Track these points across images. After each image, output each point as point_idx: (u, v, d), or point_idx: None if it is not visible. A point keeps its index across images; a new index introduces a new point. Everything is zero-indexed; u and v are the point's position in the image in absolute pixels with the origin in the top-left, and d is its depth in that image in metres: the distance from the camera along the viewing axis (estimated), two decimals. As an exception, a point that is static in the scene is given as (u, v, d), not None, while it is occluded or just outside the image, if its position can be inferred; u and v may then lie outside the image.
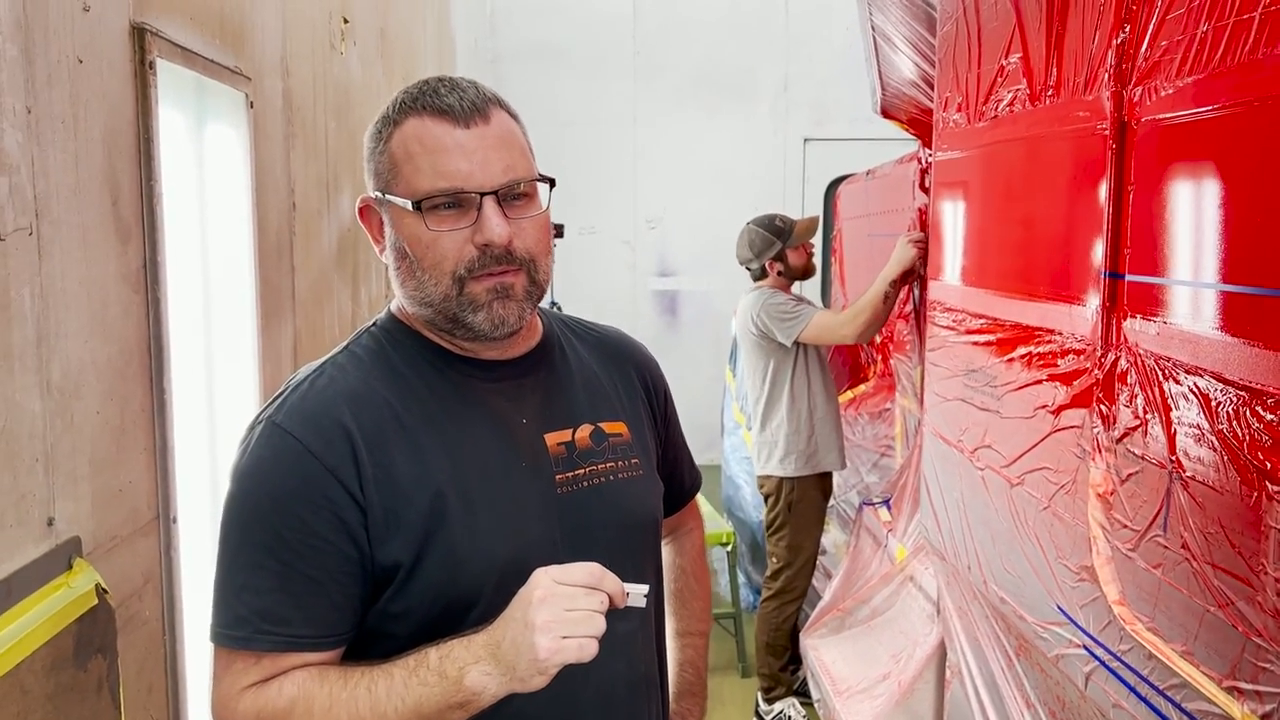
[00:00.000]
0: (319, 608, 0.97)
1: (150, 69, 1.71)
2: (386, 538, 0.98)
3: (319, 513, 0.97)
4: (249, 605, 0.96)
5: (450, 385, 1.07)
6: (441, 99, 1.01)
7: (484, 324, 1.02)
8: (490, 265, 1.01)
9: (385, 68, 3.61)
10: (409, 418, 1.03)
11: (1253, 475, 1.06)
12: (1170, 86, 1.22)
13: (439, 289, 1.01)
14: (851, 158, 5.54)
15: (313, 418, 1.00)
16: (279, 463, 0.98)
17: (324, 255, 2.80)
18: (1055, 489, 1.57)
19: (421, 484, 1.00)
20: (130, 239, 1.68)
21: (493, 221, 1.00)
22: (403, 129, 1.02)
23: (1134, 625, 1.34)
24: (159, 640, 1.79)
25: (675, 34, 6.38)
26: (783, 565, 3.39)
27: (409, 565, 0.99)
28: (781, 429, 3.31)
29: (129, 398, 1.68)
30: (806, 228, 3.39)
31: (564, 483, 1.08)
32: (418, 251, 1.01)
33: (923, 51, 2.51)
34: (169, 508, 1.79)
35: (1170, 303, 1.25)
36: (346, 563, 0.98)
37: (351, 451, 0.98)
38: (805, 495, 3.36)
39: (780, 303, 3.23)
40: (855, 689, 3.00)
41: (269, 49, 2.36)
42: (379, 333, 1.10)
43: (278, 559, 0.96)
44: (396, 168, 1.02)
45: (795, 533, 3.37)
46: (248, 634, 0.97)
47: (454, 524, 1.00)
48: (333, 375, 1.05)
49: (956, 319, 2.04)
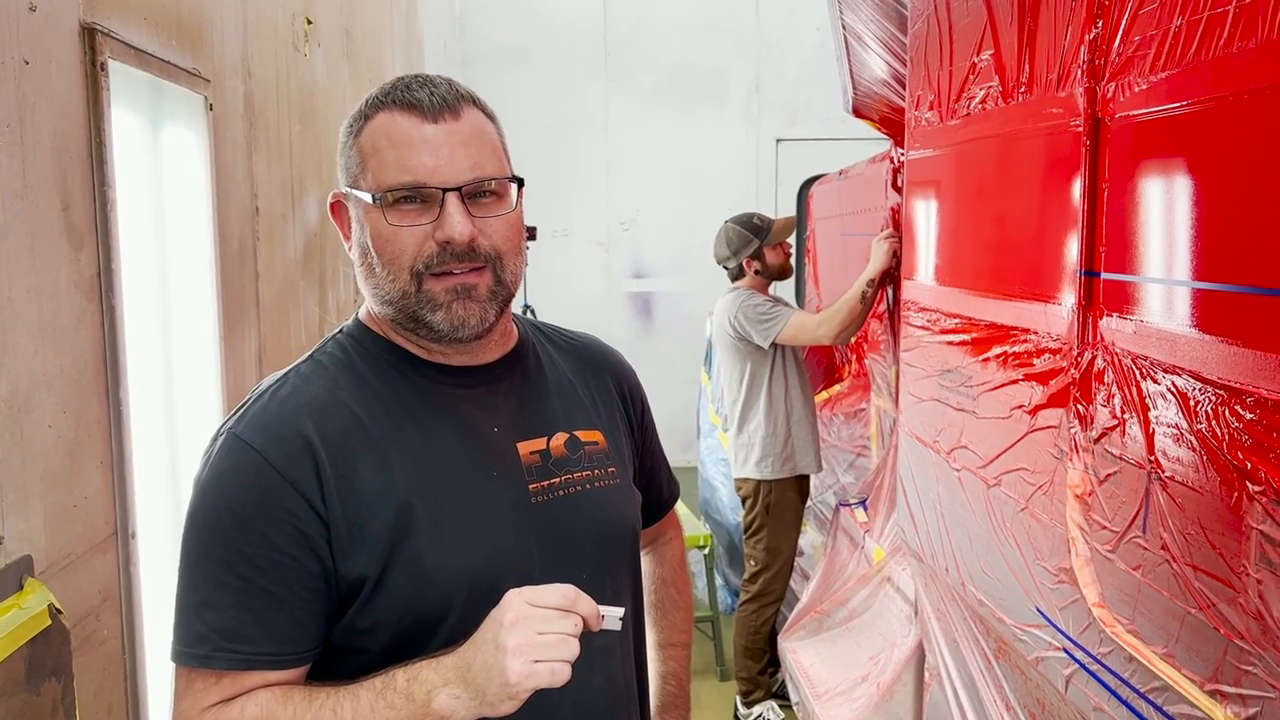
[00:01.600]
0: (281, 624, 0.94)
1: (102, 70, 1.66)
2: (351, 551, 0.95)
3: (279, 526, 0.94)
4: (208, 622, 0.93)
5: (419, 393, 1.04)
6: (412, 93, 1.00)
7: (443, 324, 1.00)
8: (450, 263, 0.99)
9: (351, 70, 3.56)
10: (375, 427, 1.00)
11: (1233, 475, 1.05)
12: (1144, 82, 1.20)
13: (397, 285, 0.99)
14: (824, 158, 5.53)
15: (273, 429, 0.97)
16: (239, 475, 0.95)
17: (289, 260, 2.75)
18: (1033, 490, 1.55)
19: (387, 495, 0.97)
20: (83, 246, 1.62)
21: (454, 218, 0.98)
22: (372, 123, 1.00)
23: (1114, 628, 1.33)
24: (118, 659, 1.73)
25: (646, 35, 6.35)
26: (761, 568, 3.36)
27: (375, 579, 0.95)
28: (759, 431, 3.29)
29: (83, 410, 1.63)
30: (784, 226, 3.37)
31: (538, 492, 1.05)
32: (378, 246, 0.99)
33: (894, 50, 2.50)
34: (127, 522, 1.74)
35: (1147, 301, 1.23)
36: (309, 577, 0.95)
37: (313, 463, 0.95)
38: (783, 498, 3.34)
39: (757, 304, 3.20)
40: (834, 691, 2.99)
41: (229, 50, 2.31)
42: (345, 340, 1.07)
43: (238, 575, 0.93)
44: (364, 162, 1.00)
45: (773, 535, 3.35)
46: (207, 652, 0.93)
47: (421, 536, 0.97)
48: (295, 385, 1.02)
49: (931, 319, 2.02)
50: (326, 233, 3.11)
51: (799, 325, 3.13)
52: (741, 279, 3.34)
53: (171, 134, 2.02)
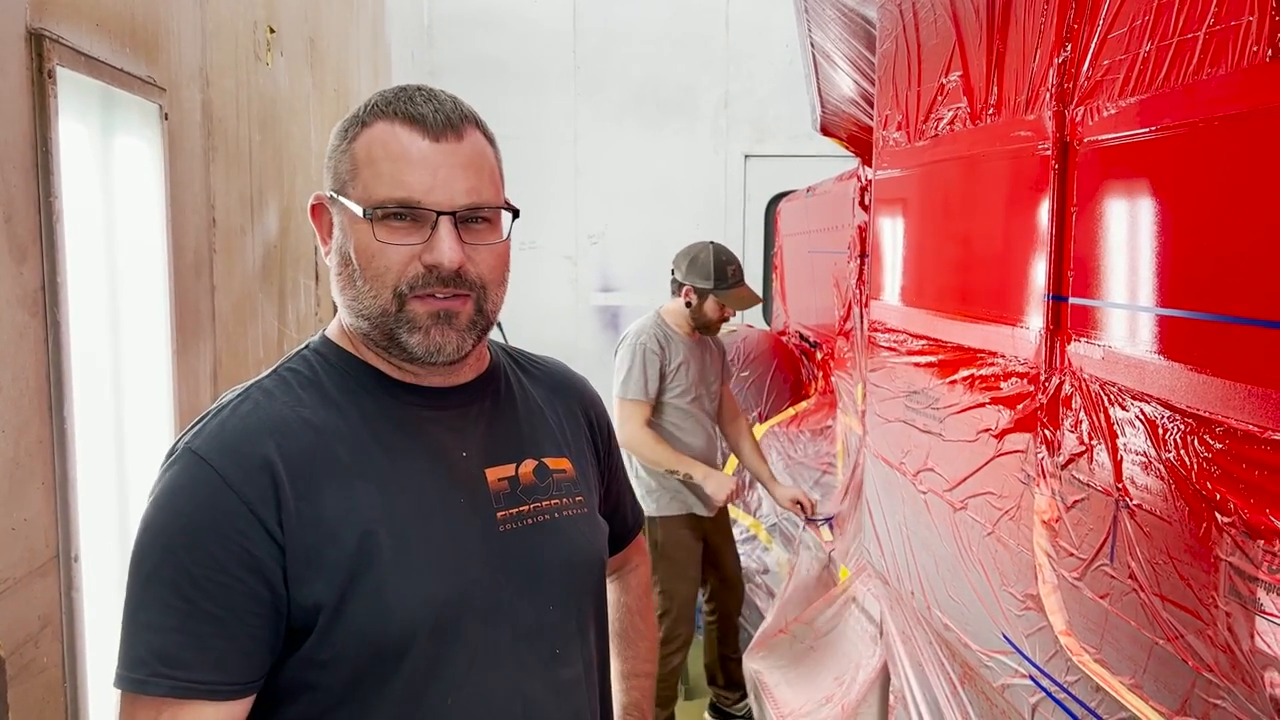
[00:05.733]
0: (222, 651, 0.89)
1: (49, 78, 1.61)
2: (306, 578, 0.91)
3: (230, 548, 0.89)
4: (148, 645, 0.88)
5: (387, 414, 1.00)
6: (416, 107, 0.97)
7: (419, 347, 0.98)
8: (435, 286, 0.97)
9: (316, 79, 3.50)
10: (340, 449, 0.96)
11: (1202, 505, 1.03)
12: (1113, 106, 1.20)
13: (378, 302, 0.97)
14: (792, 174, 5.55)
15: (231, 446, 0.93)
16: (193, 493, 0.91)
17: (248, 273, 2.69)
18: (999, 514, 1.53)
19: (349, 521, 0.93)
20: (26, 259, 1.56)
21: (445, 244, 0.96)
22: (370, 131, 0.97)
23: (1081, 656, 1.31)
24: (58, 689, 1.66)
25: (616, 50, 6.35)
26: (660, 613, 3.11)
27: (332, 607, 0.91)
28: (643, 466, 3.09)
29: (24, 428, 1.56)
30: (744, 298, 3.18)
31: (506, 520, 1.02)
32: (362, 260, 0.96)
33: (862, 69, 2.50)
34: (70, 545, 1.67)
35: (1115, 326, 1.22)
36: (256, 603, 0.90)
37: (272, 484, 0.91)
38: (672, 536, 3.12)
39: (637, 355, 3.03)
40: (799, 712, 2.96)
41: (186, 58, 2.26)
42: (312, 356, 1.03)
43: (183, 597, 0.89)
44: (356, 170, 0.97)
45: (666, 578, 3.11)
46: (144, 676, 0.88)
47: (383, 563, 0.93)
48: (258, 400, 0.97)
49: (897, 340, 2.01)
50: (287, 245, 3.05)
51: (622, 412, 2.99)
52: (674, 299, 3.19)
53: (124, 144, 1.96)
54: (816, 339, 3.94)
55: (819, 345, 3.90)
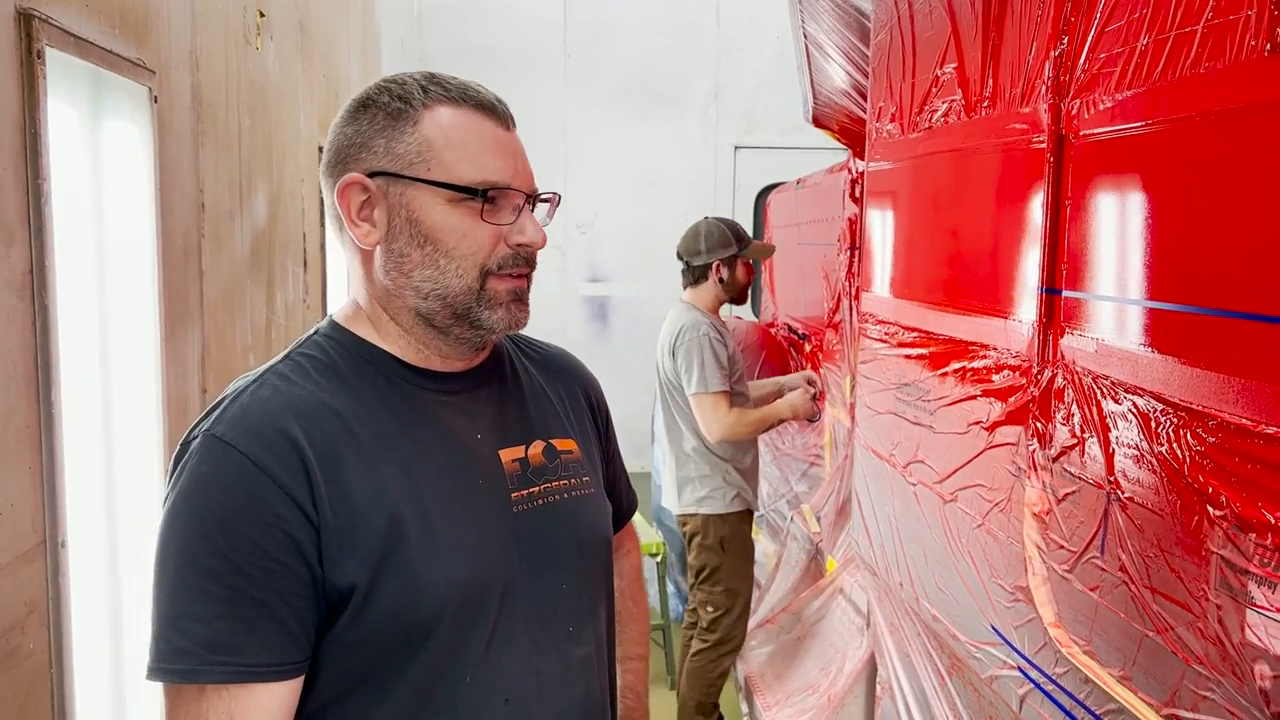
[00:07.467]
0: (272, 633, 0.90)
1: (38, 58, 1.59)
2: (340, 559, 0.92)
3: (269, 533, 0.89)
4: (190, 636, 0.88)
5: (403, 397, 1.01)
6: (480, 95, 1.01)
7: (500, 322, 1.01)
8: (520, 266, 1.02)
9: (305, 65, 3.48)
10: (361, 431, 0.96)
11: (1194, 499, 1.04)
12: (1109, 100, 1.20)
13: (463, 281, 0.99)
14: (782, 166, 5.55)
15: (256, 429, 0.92)
16: (222, 479, 0.90)
17: (236, 259, 2.67)
18: (989, 507, 1.54)
19: (377, 502, 0.93)
20: (13, 242, 1.55)
21: (534, 225, 1.02)
22: (437, 114, 0.99)
23: (1070, 648, 1.32)
24: (44, 674, 1.65)
25: (606, 39, 6.33)
26: (721, 613, 3.06)
27: (364, 588, 0.92)
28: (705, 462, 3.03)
29: (11, 413, 1.55)
30: (763, 249, 3.17)
31: (519, 500, 1.04)
32: (449, 239, 0.98)
33: (855, 60, 2.49)
34: (57, 531, 1.66)
35: (1108, 320, 1.23)
36: (299, 584, 0.91)
37: (303, 466, 0.91)
38: (736, 531, 3.06)
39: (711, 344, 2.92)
40: (784, 702, 2.97)
41: (176, 41, 2.23)
42: (324, 340, 1.03)
43: (224, 584, 0.88)
44: (432, 152, 0.98)
45: (731, 575, 3.05)
46: (192, 666, 0.88)
47: (412, 545, 0.94)
48: (276, 385, 0.97)
49: (888, 332, 2.01)
50: (276, 231, 3.03)
51: (711, 406, 2.92)
52: (699, 285, 3.09)
53: (113, 126, 1.94)
54: (805, 331, 3.95)
55: (807, 337, 3.90)
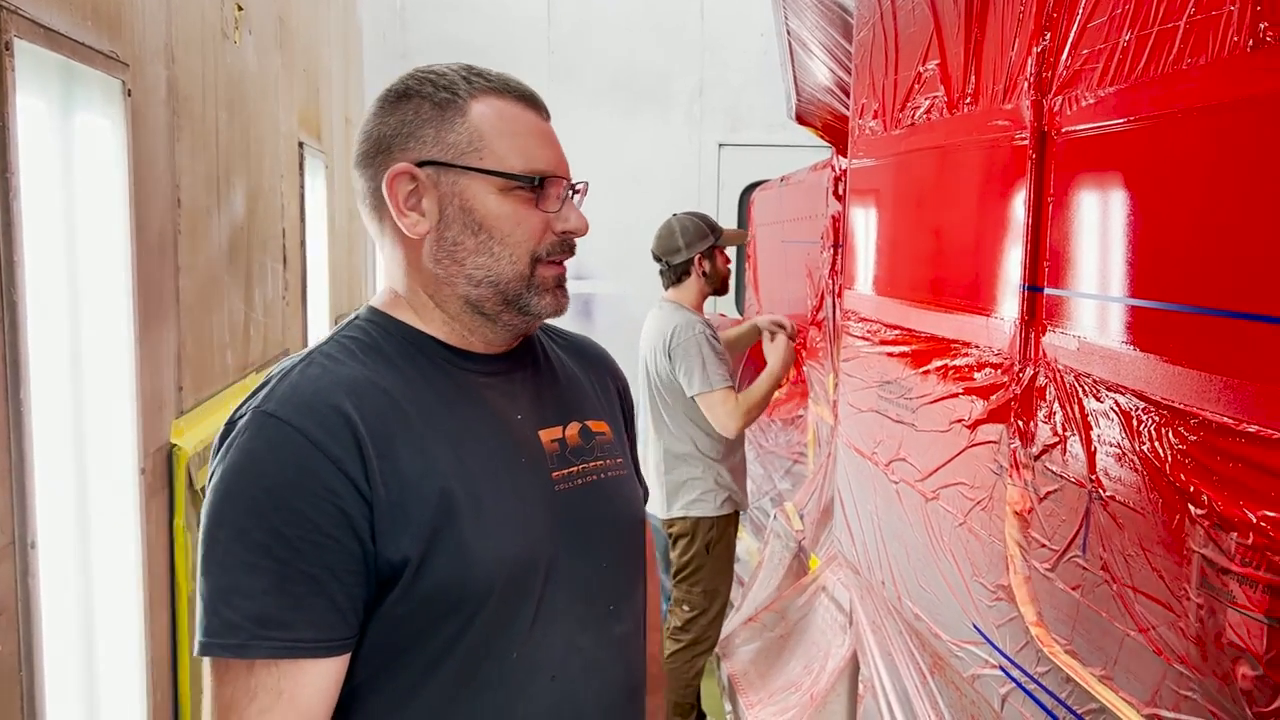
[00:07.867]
0: (321, 609, 0.90)
1: (6, 50, 1.55)
2: (393, 532, 0.92)
3: (322, 507, 0.90)
4: (240, 610, 0.88)
5: (447, 377, 1.03)
6: (521, 86, 1.06)
7: (547, 308, 1.05)
8: (564, 253, 1.06)
9: (285, 59, 3.44)
10: (409, 408, 0.98)
11: (1175, 497, 1.03)
12: (1092, 96, 1.19)
13: (515, 267, 1.02)
14: (766, 163, 5.54)
15: (309, 405, 0.93)
16: (274, 454, 0.91)
17: (213, 255, 2.63)
18: (971, 505, 1.53)
19: (428, 477, 0.95)
20: (-19, 236, 1.52)
21: (579, 213, 1.07)
22: (484, 105, 1.02)
23: (1051, 647, 1.31)
24: (14, 677, 1.62)
25: (590, 36, 6.30)
26: (696, 613, 3.11)
27: (416, 562, 0.93)
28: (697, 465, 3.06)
29: (-21, 412, 1.52)
30: (735, 235, 3.20)
31: (560, 479, 1.06)
32: (503, 227, 1.01)
33: (838, 57, 2.49)
34: (26, 531, 1.63)
35: (1090, 318, 1.22)
36: (350, 560, 0.91)
37: (355, 442, 0.92)
38: (723, 535, 3.11)
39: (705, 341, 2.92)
40: (767, 700, 2.97)
41: (151, 34, 2.20)
42: (366, 324, 1.05)
43: (274, 558, 0.89)
44: (483, 141, 1.01)
45: (711, 576, 3.10)
46: (241, 641, 0.88)
47: (463, 521, 0.95)
48: (324, 365, 0.98)
49: (871, 329, 2.00)
50: (254, 228, 2.99)
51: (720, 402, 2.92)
52: (681, 283, 3.09)
53: (85, 120, 1.91)
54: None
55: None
